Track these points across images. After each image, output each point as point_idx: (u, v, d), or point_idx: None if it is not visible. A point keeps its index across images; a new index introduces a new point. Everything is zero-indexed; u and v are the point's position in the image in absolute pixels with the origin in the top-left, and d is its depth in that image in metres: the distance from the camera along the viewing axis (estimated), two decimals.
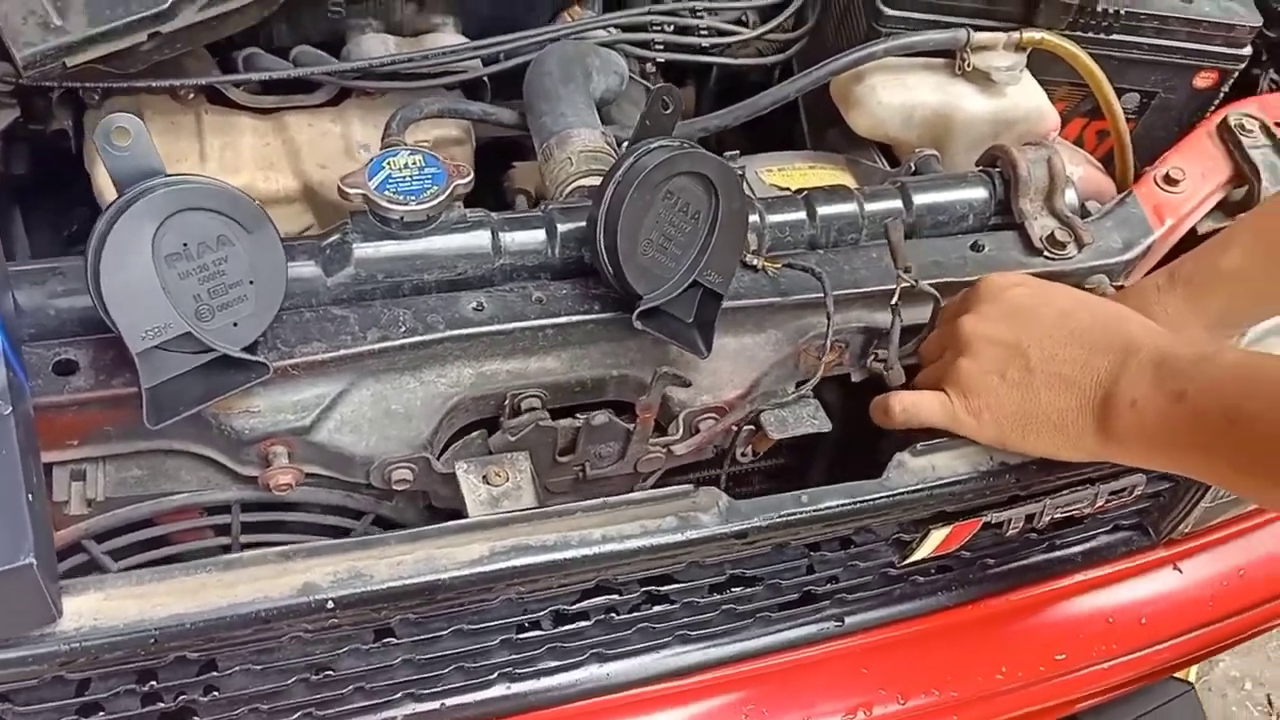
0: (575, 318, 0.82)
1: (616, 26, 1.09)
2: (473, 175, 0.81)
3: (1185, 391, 0.71)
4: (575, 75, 0.97)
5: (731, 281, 0.83)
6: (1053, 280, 0.95)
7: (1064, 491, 0.87)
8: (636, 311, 0.78)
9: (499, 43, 1.04)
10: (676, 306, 0.83)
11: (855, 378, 0.95)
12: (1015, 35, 1.04)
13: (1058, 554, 0.96)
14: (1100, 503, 0.90)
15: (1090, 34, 1.08)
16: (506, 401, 0.81)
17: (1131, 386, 0.74)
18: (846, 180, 1.07)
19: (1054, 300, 0.81)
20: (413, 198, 0.79)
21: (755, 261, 0.88)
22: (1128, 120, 1.16)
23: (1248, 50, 1.13)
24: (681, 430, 0.84)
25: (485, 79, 1.05)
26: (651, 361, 0.85)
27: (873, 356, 0.92)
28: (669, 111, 0.82)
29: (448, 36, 1.08)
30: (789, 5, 1.11)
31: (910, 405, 0.83)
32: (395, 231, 0.80)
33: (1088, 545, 0.97)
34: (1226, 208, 1.06)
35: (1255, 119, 1.07)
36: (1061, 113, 1.16)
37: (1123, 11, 1.07)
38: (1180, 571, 1.04)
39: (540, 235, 0.85)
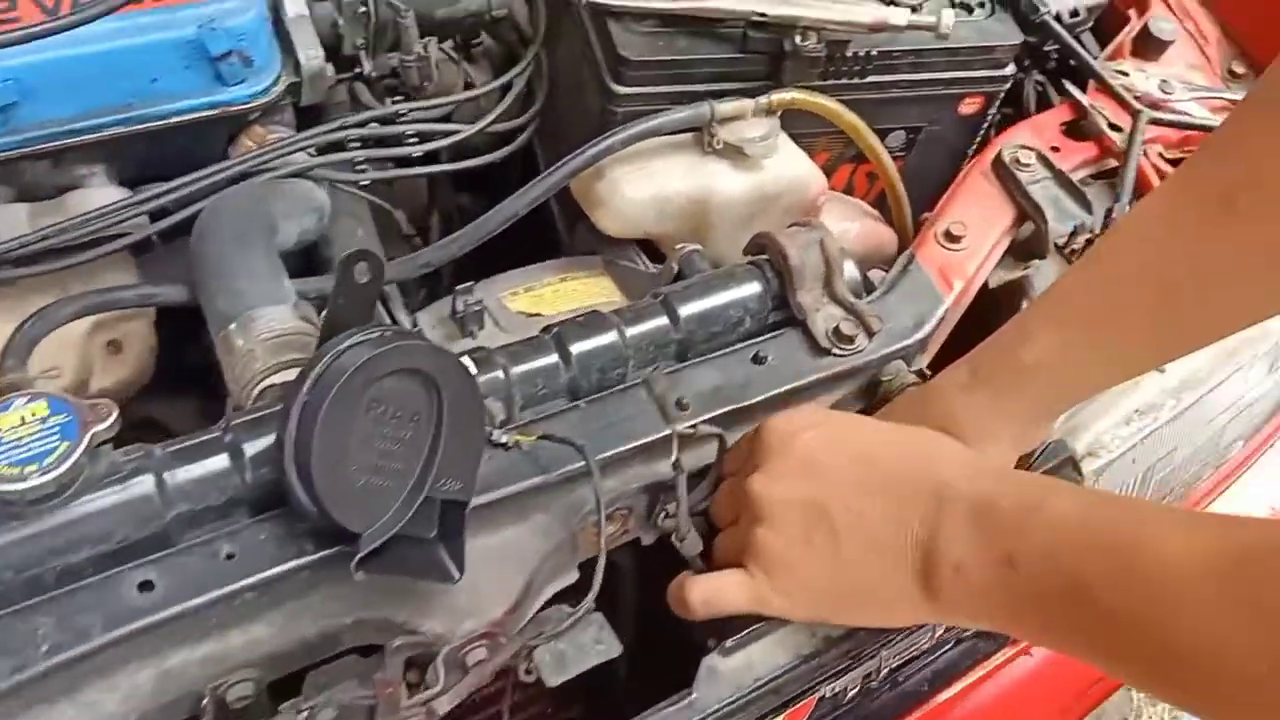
0: (281, 568, 0.66)
1: (310, 150, 0.91)
2: (116, 414, 0.63)
3: (1013, 556, 0.61)
4: (251, 233, 0.80)
5: (477, 474, 0.68)
6: (846, 378, 0.85)
7: (898, 638, 0.76)
8: (355, 560, 0.62)
9: (163, 191, 0.85)
10: (411, 528, 0.67)
11: (646, 541, 0.81)
12: (764, 100, 0.92)
13: (903, 688, 0.86)
14: (939, 631, 0.80)
15: (844, 80, 0.98)
16: (206, 699, 0.63)
17: (952, 547, 0.64)
18: (605, 291, 0.94)
19: (850, 442, 0.71)
20: (33, 466, 0.61)
21: (505, 438, 0.74)
22: (896, 158, 1.07)
23: (1011, 69, 1.06)
24: (442, 677, 0.68)
25: (154, 237, 0.86)
26: (394, 595, 0.69)
27: (663, 514, 0.79)
28: (366, 283, 0.66)
29: (100, 192, 0.88)
30: (507, 95, 0.96)
31: (711, 595, 0.70)
32: (19, 510, 0.62)
33: (934, 669, 0.87)
34: (1015, 250, 0.98)
35: (1030, 149, 0.99)
36: (825, 163, 1.06)
37: (874, 53, 0.97)
38: (1031, 655, 0.96)
39: (223, 462, 0.68)
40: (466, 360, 0.76)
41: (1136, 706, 2.05)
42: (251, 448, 0.68)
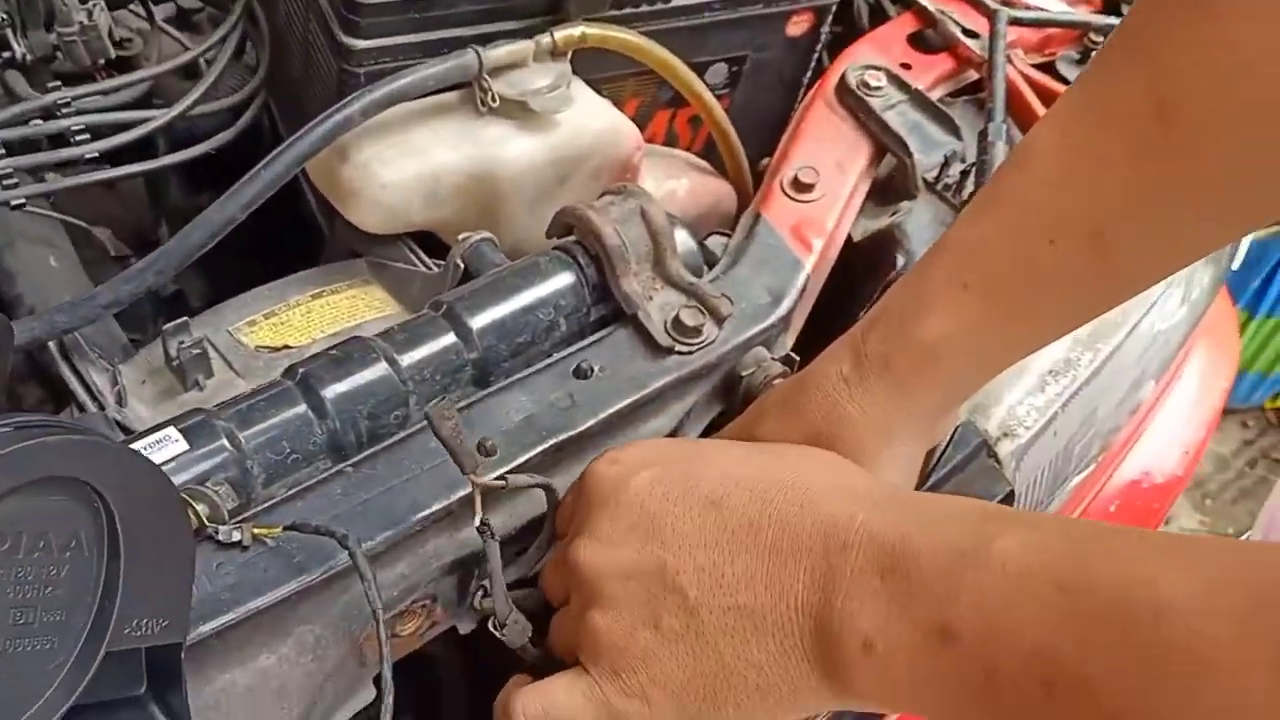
0: None
1: None
2: None
3: (948, 626, 0.44)
4: None
5: (189, 603, 0.48)
6: (697, 378, 0.68)
7: None
8: None
9: None
10: (101, 689, 0.47)
11: (464, 630, 0.63)
12: (546, 40, 0.74)
13: None
14: None
15: (643, 7, 0.80)
16: None
17: (856, 616, 0.48)
18: (374, 304, 0.74)
19: (695, 481, 0.54)
20: None
21: (238, 534, 0.54)
22: (720, 96, 0.90)
23: None
24: None
25: None
26: None
27: (480, 591, 0.60)
28: None
29: None
30: (215, 66, 0.75)
31: (542, 713, 0.53)
32: None
33: None
34: (879, 194, 0.83)
35: (878, 69, 0.84)
36: (637, 112, 0.89)
37: None
38: None
39: None
40: (167, 433, 0.56)
41: None
42: None
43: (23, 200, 0.68)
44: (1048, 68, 0.92)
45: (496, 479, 0.57)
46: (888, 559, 0.47)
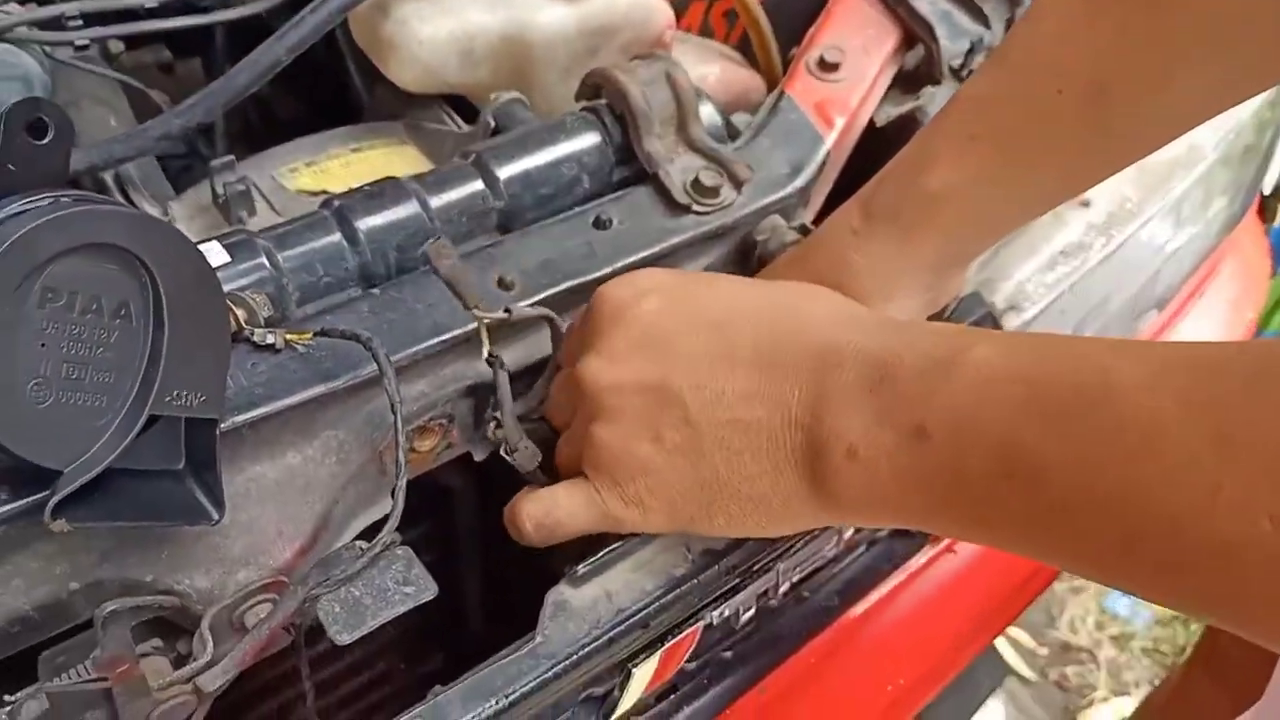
0: None
1: (7, 7, 0.74)
2: None
3: (924, 425, 0.48)
4: None
5: (225, 383, 0.54)
6: (712, 239, 0.73)
7: (797, 546, 0.65)
8: (49, 506, 0.48)
9: None
10: (142, 459, 0.52)
11: (478, 456, 0.68)
12: None
13: (810, 604, 0.75)
14: (848, 535, 0.68)
15: None
16: None
17: (843, 425, 0.51)
18: (408, 161, 0.79)
19: (704, 305, 0.58)
20: None
21: (271, 338, 0.59)
22: None
23: None
24: (210, 645, 0.54)
25: None
26: (139, 545, 0.55)
27: (492, 422, 0.65)
28: (46, 142, 0.51)
29: None
30: None
31: (544, 515, 0.57)
32: None
33: (845, 579, 0.76)
34: (904, 82, 0.86)
35: None
36: (671, 3, 0.92)
37: None
38: (956, 552, 0.86)
39: None
40: (211, 245, 0.61)
41: (1059, 598, 2.01)
42: None
43: (86, 42, 0.73)
44: None
45: (503, 311, 0.61)
46: (875, 373, 0.51)
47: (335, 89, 0.92)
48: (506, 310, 0.61)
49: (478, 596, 0.84)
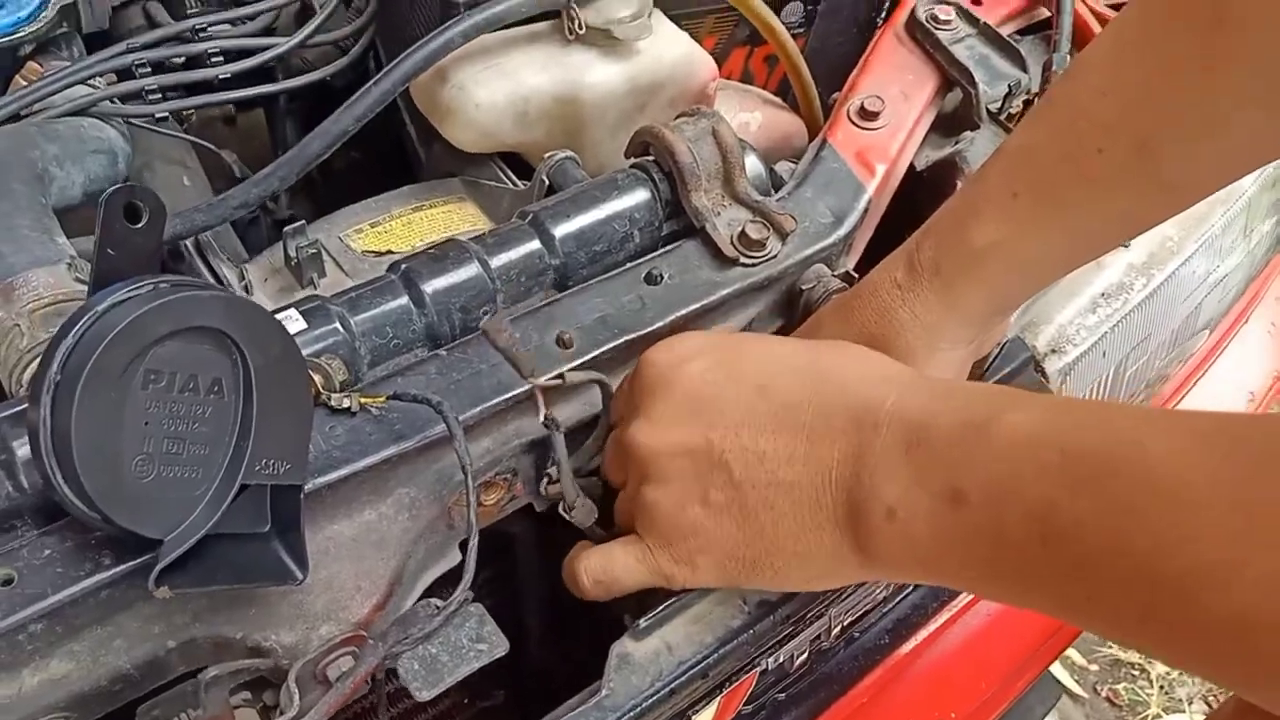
0: (74, 589, 0.55)
1: (92, 82, 0.79)
2: None
3: (960, 489, 0.50)
4: (10, 185, 0.68)
5: (308, 451, 0.58)
6: (759, 289, 0.76)
7: (847, 592, 0.68)
8: (153, 575, 0.52)
9: None
10: (233, 524, 0.56)
11: (540, 507, 0.72)
12: None
13: (860, 644, 0.78)
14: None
15: None
16: None
17: (882, 486, 0.53)
18: (468, 218, 0.83)
19: (746, 369, 0.60)
20: None
21: (347, 402, 0.63)
22: (795, 36, 0.97)
23: None
24: (297, 698, 0.58)
25: None
26: (228, 605, 0.59)
27: (547, 479, 0.69)
28: (141, 225, 0.55)
29: None
30: (326, 4, 0.84)
31: (601, 572, 0.61)
32: None
33: (894, 618, 0.79)
34: (943, 126, 0.89)
35: (948, 4, 0.90)
36: (714, 48, 0.96)
37: None
38: None
39: None
40: (293, 313, 0.65)
41: None
42: (23, 447, 0.57)
43: (165, 115, 0.78)
44: (1120, 5, 0.97)
45: (553, 378, 0.64)
46: (913, 435, 0.53)
47: (390, 142, 0.96)
48: (559, 377, 0.64)
49: (538, 634, 0.88)
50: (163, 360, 0.52)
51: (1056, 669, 1.87)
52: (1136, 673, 1.96)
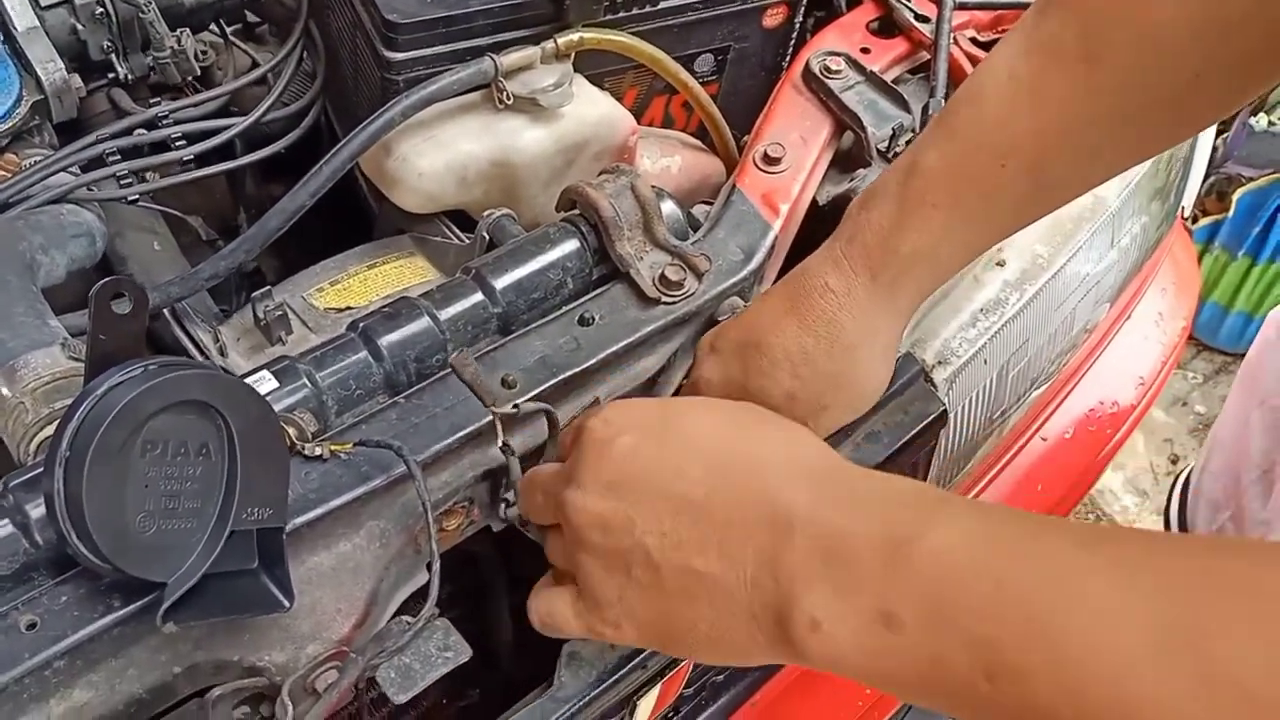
0: (90, 629, 0.62)
1: (74, 170, 0.86)
2: None
3: (891, 614, 0.49)
4: (4, 277, 0.75)
5: (287, 496, 0.65)
6: (680, 324, 0.83)
7: None
8: (160, 613, 0.59)
9: None
10: (225, 564, 0.64)
11: (496, 528, 0.80)
12: (550, 45, 0.89)
13: None
14: None
15: (634, 10, 0.95)
16: None
17: (804, 598, 0.52)
18: (418, 271, 0.91)
19: (668, 450, 0.61)
20: None
21: (319, 450, 0.71)
22: (708, 84, 1.06)
23: None
24: (291, 709, 0.66)
25: None
26: (225, 633, 0.66)
27: (503, 503, 0.77)
28: (128, 314, 0.62)
29: None
30: (281, 77, 0.91)
31: (548, 616, 0.65)
32: None
33: None
34: (840, 162, 0.98)
35: (838, 55, 0.98)
36: (635, 100, 1.04)
37: None
38: None
39: (6, 528, 0.64)
40: (265, 374, 0.73)
41: None
42: (36, 509, 0.64)
43: (136, 196, 0.85)
44: (990, 45, 1.05)
45: (511, 408, 0.72)
46: (829, 545, 0.52)
47: (344, 192, 1.03)
48: (515, 407, 0.72)
49: (509, 638, 0.96)
50: (157, 431, 0.59)
51: None
52: None
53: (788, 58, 1.11)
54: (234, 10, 0.97)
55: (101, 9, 0.86)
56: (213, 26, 1.03)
